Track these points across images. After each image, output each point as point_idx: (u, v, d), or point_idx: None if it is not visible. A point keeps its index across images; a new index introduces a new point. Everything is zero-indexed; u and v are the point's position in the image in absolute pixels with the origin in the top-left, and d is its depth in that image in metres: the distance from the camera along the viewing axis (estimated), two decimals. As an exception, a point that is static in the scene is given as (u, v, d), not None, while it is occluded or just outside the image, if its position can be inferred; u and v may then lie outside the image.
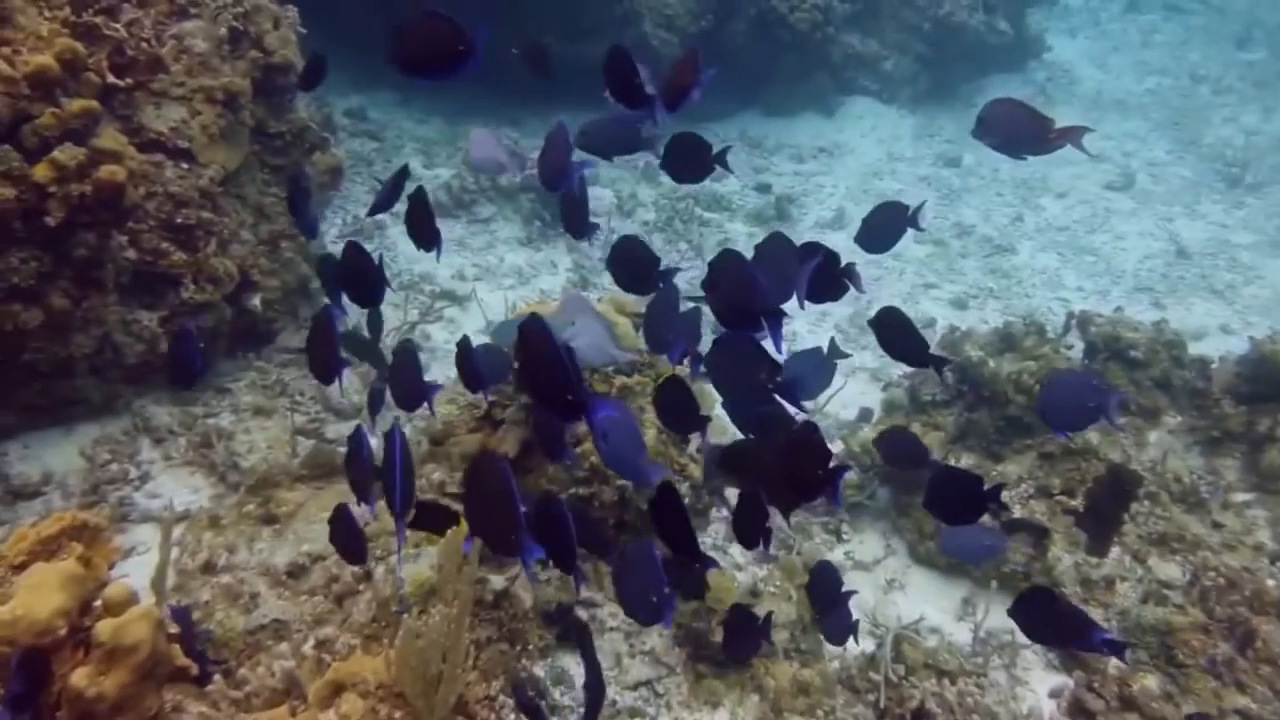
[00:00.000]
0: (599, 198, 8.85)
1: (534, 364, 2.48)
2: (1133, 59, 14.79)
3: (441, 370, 5.86)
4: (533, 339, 2.42)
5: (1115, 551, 4.86)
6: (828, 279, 2.91)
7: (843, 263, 2.95)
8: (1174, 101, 13.20)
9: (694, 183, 3.50)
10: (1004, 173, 10.62)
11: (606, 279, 7.60)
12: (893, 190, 10.17)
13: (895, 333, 3.07)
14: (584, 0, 9.77)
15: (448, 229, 8.06)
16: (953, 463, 5.20)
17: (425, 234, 3.30)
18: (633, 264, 3.31)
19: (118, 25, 4.56)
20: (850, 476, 5.46)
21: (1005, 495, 5.05)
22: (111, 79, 4.51)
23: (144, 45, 4.66)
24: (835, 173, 10.47)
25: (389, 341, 5.68)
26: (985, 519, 3.13)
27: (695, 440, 4.36)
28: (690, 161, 3.33)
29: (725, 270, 2.78)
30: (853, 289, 2.98)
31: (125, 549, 4.36)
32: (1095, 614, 4.60)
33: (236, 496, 4.48)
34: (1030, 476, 5.11)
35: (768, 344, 2.76)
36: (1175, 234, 9.73)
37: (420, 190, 3.36)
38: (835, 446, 5.90)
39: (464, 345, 3.37)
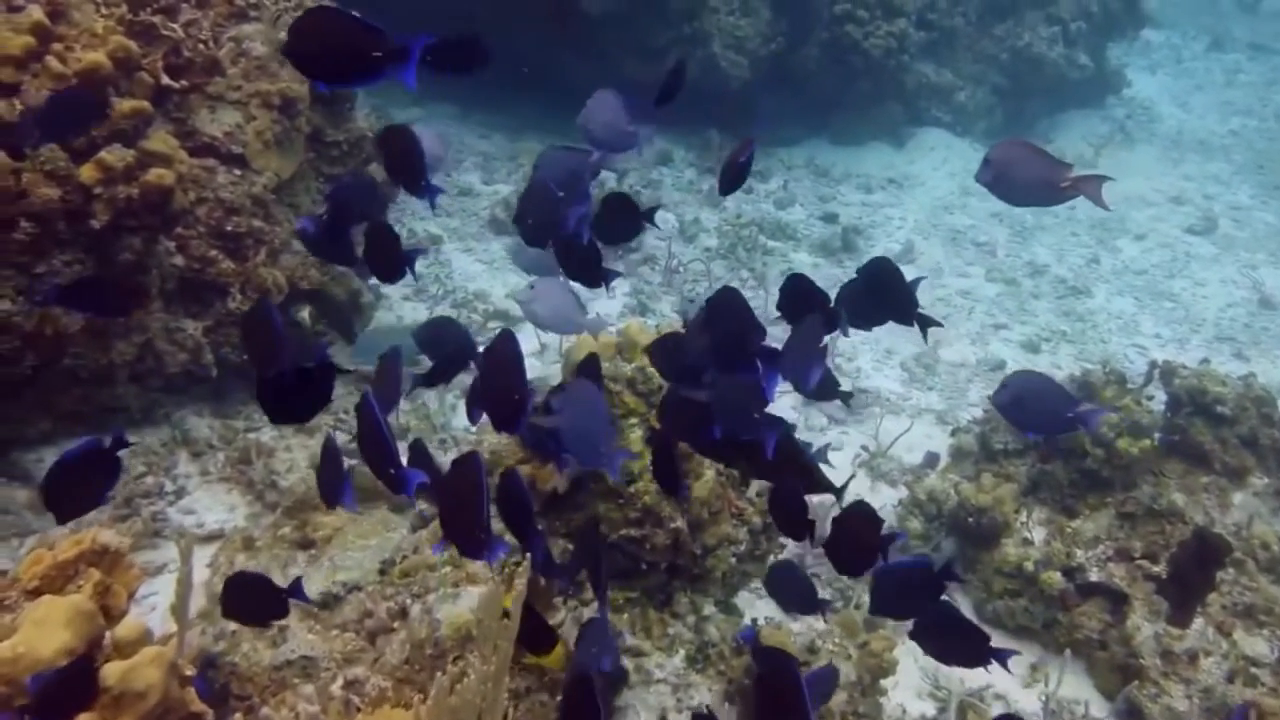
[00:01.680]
0: (664, 220, 8.64)
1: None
2: (1216, 98, 14.36)
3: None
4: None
5: (1198, 623, 4.52)
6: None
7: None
8: (1259, 144, 12.76)
9: (624, 242, 3.32)
10: (1080, 211, 10.26)
11: (666, 305, 7.38)
12: (964, 225, 9.86)
13: (883, 286, 2.86)
14: (654, 21, 9.60)
15: (506, 246, 7.89)
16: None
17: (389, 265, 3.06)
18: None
19: (175, 25, 4.42)
20: (915, 525, 5.18)
21: (1081, 555, 4.74)
22: (166, 80, 4.36)
23: (201, 47, 4.52)
24: (904, 205, 10.18)
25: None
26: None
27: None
28: (619, 223, 3.21)
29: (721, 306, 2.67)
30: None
31: (156, 566, 4.20)
32: (1177, 690, 4.28)
33: (272, 517, 4.29)
34: (1109, 537, 4.79)
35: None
36: (1259, 282, 9.32)
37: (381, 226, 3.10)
38: (898, 492, 5.63)
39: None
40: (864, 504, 2.64)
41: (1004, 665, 2.66)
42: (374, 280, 6.26)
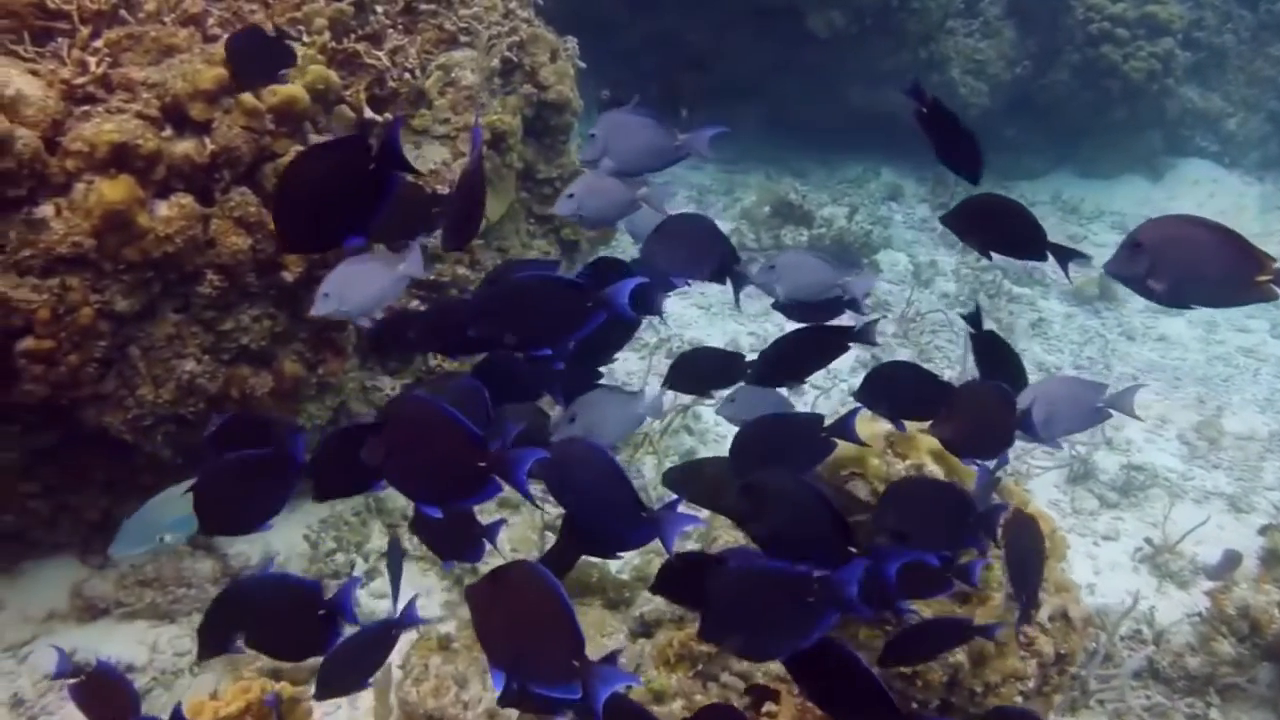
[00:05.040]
0: (894, 263, 7.85)
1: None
2: None
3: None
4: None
5: None
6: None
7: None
8: None
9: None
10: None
11: (902, 358, 6.59)
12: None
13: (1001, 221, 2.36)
14: (886, 43, 8.86)
15: (720, 290, 7.26)
16: None
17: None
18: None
19: (380, 53, 3.98)
20: (1222, 648, 4.24)
21: None
22: (369, 113, 3.92)
23: (407, 76, 4.07)
24: (1166, 245, 9.05)
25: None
26: None
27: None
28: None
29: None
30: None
31: None
32: None
33: (470, 610, 3.75)
34: None
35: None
36: None
37: None
38: (1191, 597, 4.68)
39: None
40: None
41: None
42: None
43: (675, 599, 2.58)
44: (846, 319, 2.75)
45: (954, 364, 6.53)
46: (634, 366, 6.00)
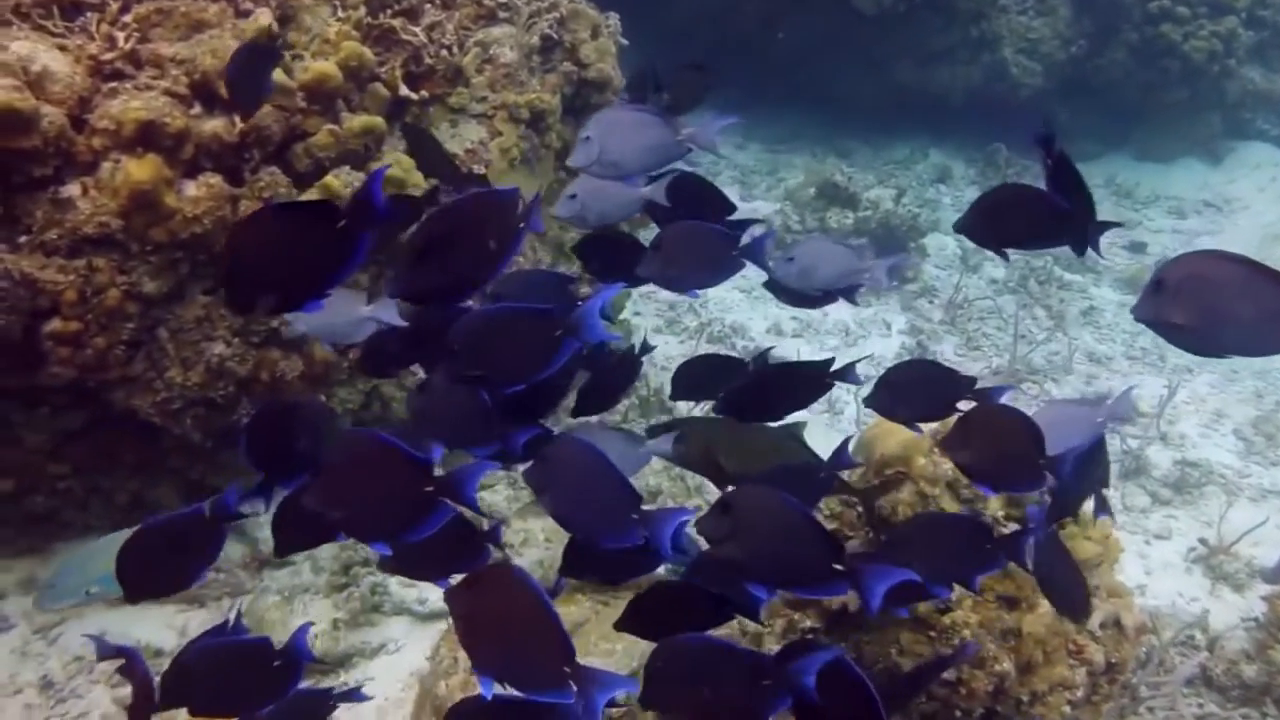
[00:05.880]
0: (941, 247, 7.67)
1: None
2: None
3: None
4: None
5: None
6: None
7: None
8: None
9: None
10: None
11: (948, 346, 6.44)
12: (1300, 256, 8.40)
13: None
14: (936, 21, 8.65)
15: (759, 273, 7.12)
16: None
17: None
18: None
19: (417, 29, 3.88)
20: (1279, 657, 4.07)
21: None
22: (404, 91, 3.83)
23: (444, 53, 3.97)
24: (1225, 232, 8.77)
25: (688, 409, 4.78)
26: None
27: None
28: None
29: None
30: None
31: (373, 647, 3.67)
32: None
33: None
34: None
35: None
36: None
37: None
38: (1247, 601, 4.52)
39: None
40: None
41: None
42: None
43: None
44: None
45: (1002, 352, 6.36)
46: (675, 351, 5.89)
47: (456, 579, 1.73)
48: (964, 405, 2.35)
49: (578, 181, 2.54)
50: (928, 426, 2.88)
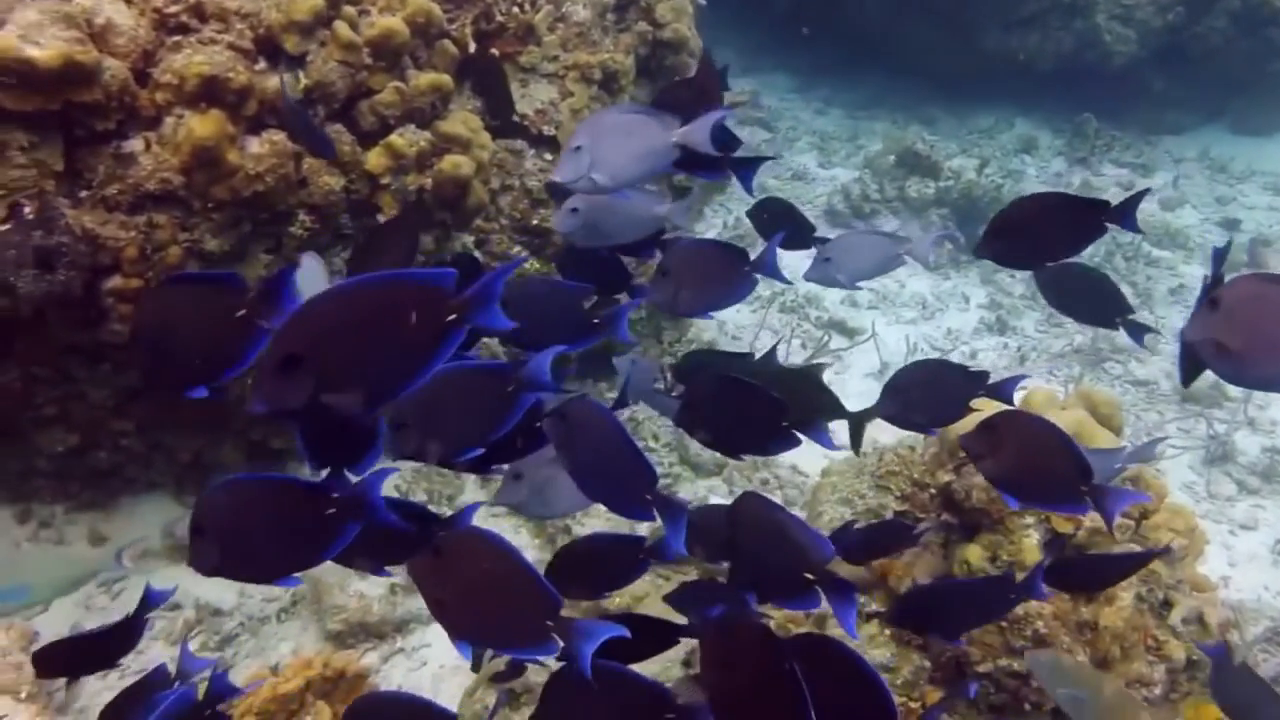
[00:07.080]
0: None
1: None
2: None
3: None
4: None
5: None
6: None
7: None
8: None
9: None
10: None
11: (1029, 322, 6.22)
12: None
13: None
14: (1026, -15, 8.36)
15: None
16: None
17: None
18: None
19: (488, -16, 3.78)
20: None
21: None
22: (474, 48, 3.73)
23: (515, 10, 3.86)
24: (1326, 210, 8.39)
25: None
26: None
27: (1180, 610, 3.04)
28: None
29: None
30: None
31: (409, 649, 3.61)
32: None
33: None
34: None
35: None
36: None
37: None
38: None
39: None
40: None
41: None
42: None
43: None
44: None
45: (1081, 329, 6.13)
46: (745, 320, 5.76)
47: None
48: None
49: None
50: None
